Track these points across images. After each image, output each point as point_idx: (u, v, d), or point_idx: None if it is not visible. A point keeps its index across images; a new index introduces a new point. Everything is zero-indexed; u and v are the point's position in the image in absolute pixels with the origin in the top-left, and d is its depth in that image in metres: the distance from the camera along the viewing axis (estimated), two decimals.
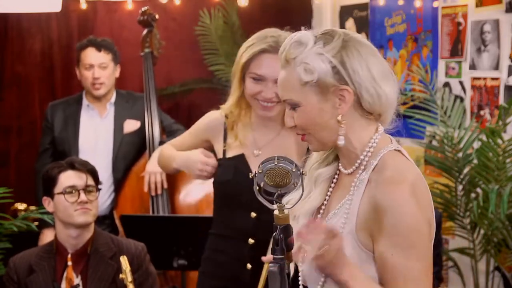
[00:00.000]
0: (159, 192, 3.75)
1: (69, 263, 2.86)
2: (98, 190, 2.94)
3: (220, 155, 2.51)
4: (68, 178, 2.86)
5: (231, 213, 2.47)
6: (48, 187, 2.90)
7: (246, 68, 2.37)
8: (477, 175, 3.66)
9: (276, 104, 2.37)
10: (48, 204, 2.92)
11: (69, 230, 2.87)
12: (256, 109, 2.43)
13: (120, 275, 2.54)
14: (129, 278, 2.51)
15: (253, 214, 2.41)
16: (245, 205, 2.37)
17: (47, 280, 2.84)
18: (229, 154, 2.48)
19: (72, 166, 2.89)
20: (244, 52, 2.37)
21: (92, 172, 2.93)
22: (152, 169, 3.74)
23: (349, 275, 1.54)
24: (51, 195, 2.89)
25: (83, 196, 2.83)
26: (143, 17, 4.15)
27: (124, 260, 2.54)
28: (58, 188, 2.86)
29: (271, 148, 2.42)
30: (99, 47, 3.86)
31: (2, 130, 4.71)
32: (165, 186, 3.77)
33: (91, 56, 3.85)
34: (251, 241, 2.43)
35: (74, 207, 2.82)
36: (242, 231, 2.43)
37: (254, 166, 2.17)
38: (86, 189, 2.86)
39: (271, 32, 2.37)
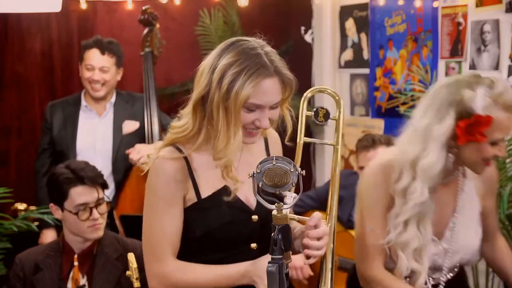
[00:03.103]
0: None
1: (76, 263, 2.85)
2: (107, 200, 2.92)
3: (190, 201, 2.02)
4: (79, 195, 2.82)
5: (230, 253, 2.05)
6: (57, 197, 2.87)
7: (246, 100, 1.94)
8: None
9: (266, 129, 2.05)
10: (55, 211, 2.90)
11: (77, 237, 2.87)
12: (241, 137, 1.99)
13: (127, 272, 2.55)
14: (136, 275, 2.52)
15: (253, 245, 2.06)
16: (246, 239, 2.04)
17: (54, 278, 2.84)
18: (206, 192, 2.02)
19: (82, 181, 2.82)
20: (239, 82, 1.91)
21: (102, 184, 2.89)
22: (140, 147, 3.78)
23: None
24: (60, 206, 2.86)
25: (95, 214, 2.81)
26: (144, 16, 4.15)
27: (131, 257, 2.55)
28: (68, 204, 2.83)
29: (244, 165, 2.06)
30: (103, 49, 3.85)
31: (2, 130, 4.71)
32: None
33: (94, 58, 3.85)
34: None
35: (87, 224, 2.81)
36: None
37: (242, 193, 2.02)
38: (98, 203, 2.84)
39: (248, 45, 1.95)
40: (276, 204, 1.53)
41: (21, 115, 4.74)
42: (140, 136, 3.91)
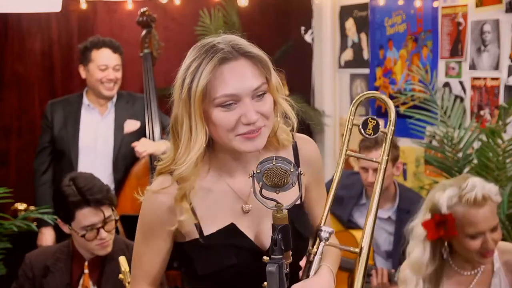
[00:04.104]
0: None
1: (86, 271, 2.84)
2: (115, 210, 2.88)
3: (190, 236, 1.75)
4: (85, 217, 2.76)
5: None
6: (64, 217, 2.84)
7: (205, 97, 1.66)
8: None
9: (262, 128, 1.70)
10: (63, 226, 2.87)
11: (85, 250, 2.87)
12: (237, 147, 1.69)
13: (119, 275, 2.54)
14: (128, 279, 2.51)
15: (266, 284, 1.66)
16: (255, 284, 1.67)
17: (63, 282, 2.83)
18: (209, 229, 1.73)
19: (87, 203, 2.76)
20: (197, 76, 1.65)
21: (109, 202, 2.82)
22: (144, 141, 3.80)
23: None
24: (67, 223, 2.83)
25: (103, 234, 2.77)
26: (142, 18, 4.15)
27: (123, 260, 2.54)
28: (75, 225, 2.79)
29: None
30: (114, 48, 3.87)
31: (2, 130, 4.71)
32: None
33: (108, 57, 3.85)
34: None
35: (94, 242, 2.79)
36: None
37: (251, 230, 1.74)
38: (105, 222, 2.79)
39: (204, 42, 1.74)
40: (276, 204, 1.52)
41: (21, 115, 4.75)
42: (140, 136, 3.92)
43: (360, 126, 1.84)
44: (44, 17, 4.66)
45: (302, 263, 1.83)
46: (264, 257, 1.61)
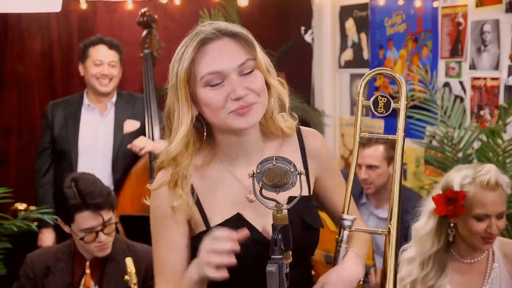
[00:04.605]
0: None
1: (87, 271, 2.84)
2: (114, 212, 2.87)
3: (198, 228, 1.75)
4: (84, 220, 2.76)
5: None
6: (64, 217, 2.85)
7: (192, 78, 1.68)
8: None
9: (254, 105, 1.69)
10: (63, 226, 2.88)
11: (85, 251, 2.88)
12: (230, 124, 1.69)
13: (125, 277, 2.53)
14: (134, 280, 2.51)
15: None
16: (262, 271, 1.58)
17: (65, 282, 2.83)
18: (216, 219, 1.72)
19: (87, 206, 2.75)
20: (179, 63, 1.70)
21: (109, 205, 2.81)
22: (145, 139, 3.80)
23: None
24: (68, 224, 2.83)
25: (101, 237, 2.77)
26: (143, 18, 4.16)
27: (129, 262, 2.54)
28: (75, 227, 2.80)
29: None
30: (110, 45, 3.89)
31: (2, 130, 4.71)
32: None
33: (103, 53, 3.87)
34: None
35: (93, 244, 2.78)
36: None
37: (257, 221, 1.71)
38: (104, 225, 2.78)
39: (190, 31, 1.77)
40: (276, 204, 1.52)
41: (21, 115, 4.75)
42: (140, 136, 3.92)
43: (371, 107, 1.81)
44: (44, 17, 4.66)
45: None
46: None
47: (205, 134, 1.74)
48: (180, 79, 1.67)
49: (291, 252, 1.54)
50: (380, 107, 1.80)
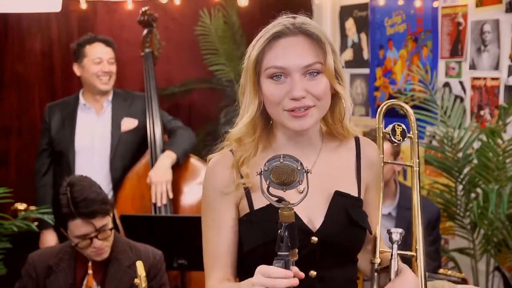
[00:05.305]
0: (164, 202, 3.70)
1: (90, 271, 2.83)
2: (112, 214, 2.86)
3: (243, 211, 1.77)
4: (77, 228, 2.74)
5: None
6: (60, 223, 2.83)
7: (259, 66, 1.73)
8: (477, 175, 3.66)
9: (311, 109, 1.70)
10: (62, 229, 2.86)
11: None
12: (285, 123, 1.72)
13: (135, 280, 2.52)
14: (144, 284, 2.50)
15: (312, 273, 1.72)
16: (302, 265, 1.58)
17: (67, 283, 2.83)
18: (260, 203, 1.72)
19: (79, 214, 2.72)
20: (254, 46, 1.75)
21: (103, 213, 2.77)
22: (157, 179, 3.69)
23: None
24: (64, 229, 2.83)
25: (96, 243, 2.75)
26: (143, 17, 4.15)
27: (140, 266, 2.53)
28: (69, 233, 2.78)
29: (318, 175, 1.72)
30: (106, 43, 3.89)
31: (2, 130, 4.71)
32: (171, 196, 3.70)
33: (101, 50, 3.85)
34: None
35: (89, 250, 2.77)
36: None
37: (302, 210, 1.68)
38: (98, 232, 2.76)
39: (272, 22, 1.83)
40: (283, 201, 1.52)
41: (21, 115, 4.75)
42: (139, 135, 3.90)
43: (390, 135, 1.92)
44: (44, 17, 4.66)
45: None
46: (313, 238, 1.68)
47: (271, 122, 1.78)
48: (250, 64, 1.72)
49: (297, 250, 1.54)
50: (398, 135, 1.92)
